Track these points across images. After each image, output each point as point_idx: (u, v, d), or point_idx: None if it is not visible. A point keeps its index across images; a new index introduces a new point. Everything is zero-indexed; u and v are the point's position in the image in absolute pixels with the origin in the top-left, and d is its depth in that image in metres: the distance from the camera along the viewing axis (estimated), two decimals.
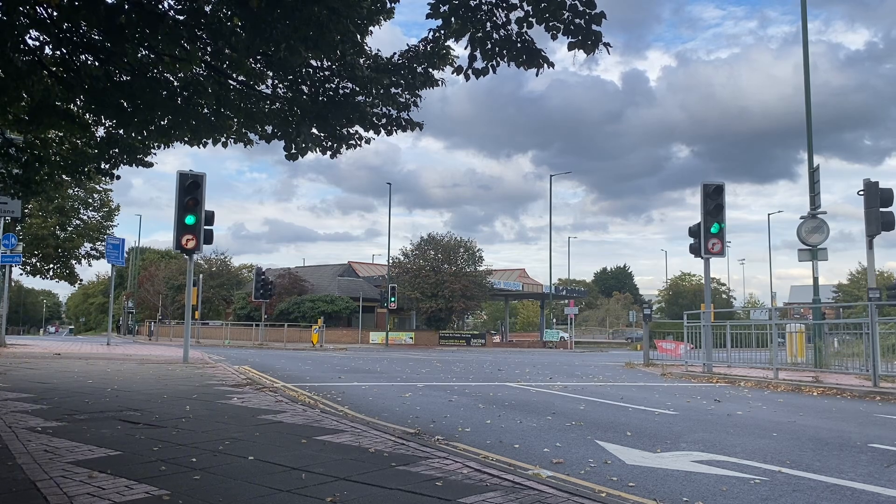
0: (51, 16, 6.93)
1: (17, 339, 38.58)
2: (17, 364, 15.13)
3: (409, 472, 4.84)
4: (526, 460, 5.79)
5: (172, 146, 9.49)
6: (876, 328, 12.81)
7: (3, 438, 5.73)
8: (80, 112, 8.76)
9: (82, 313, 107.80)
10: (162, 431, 6.45)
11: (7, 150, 9.46)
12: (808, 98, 18.69)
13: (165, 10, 6.86)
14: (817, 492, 4.89)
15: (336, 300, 51.58)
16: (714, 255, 18.33)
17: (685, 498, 4.64)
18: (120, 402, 8.63)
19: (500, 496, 4.19)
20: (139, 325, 63.54)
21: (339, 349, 35.71)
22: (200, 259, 56.99)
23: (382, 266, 58.68)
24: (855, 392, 12.20)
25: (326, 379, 14.37)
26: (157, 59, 7.62)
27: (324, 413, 7.96)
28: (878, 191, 15.93)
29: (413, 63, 8.23)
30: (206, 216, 17.23)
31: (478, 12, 6.01)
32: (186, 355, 17.64)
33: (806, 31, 18.98)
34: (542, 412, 9.00)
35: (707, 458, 5.99)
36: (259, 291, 39.42)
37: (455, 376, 15.74)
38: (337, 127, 8.64)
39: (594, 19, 5.77)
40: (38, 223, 30.56)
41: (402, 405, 9.69)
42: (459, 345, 46.53)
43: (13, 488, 4.19)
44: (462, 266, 50.07)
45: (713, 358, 17.43)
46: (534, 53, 6.22)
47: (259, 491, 4.27)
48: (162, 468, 4.86)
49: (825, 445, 6.80)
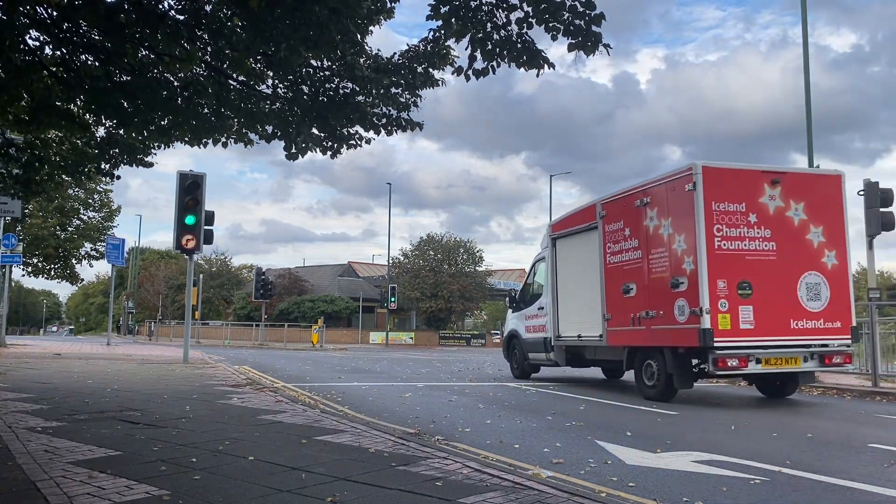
0: (51, 16, 6.94)
1: (17, 339, 38.58)
2: (18, 364, 15.13)
3: (409, 472, 4.84)
4: (526, 460, 5.79)
5: (172, 146, 9.50)
6: (876, 328, 12.81)
7: (3, 438, 5.73)
8: (80, 112, 8.76)
9: (82, 313, 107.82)
10: (162, 431, 6.45)
11: (7, 150, 9.46)
12: (808, 98, 18.66)
13: (165, 10, 6.86)
14: (817, 492, 4.89)
15: (336, 300, 51.61)
16: None
17: (685, 498, 4.64)
18: (120, 402, 8.63)
19: (500, 496, 4.19)
20: (139, 325, 63.53)
21: (339, 349, 35.71)
22: (200, 259, 57.03)
23: (382, 266, 58.68)
24: (855, 392, 12.20)
25: (326, 379, 14.38)
26: (157, 59, 7.63)
27: (324, 413, 7.96)
28: (878, 191, 15.92)
29: (413, 63, 8.24)
30: (206, 216, 17.22)
31: (478, 13, 6.01)
32: (186, 355, 17.63)
33: (806, 31, 18.95)
34: (542, 412, 9.00)
35: (707, 458, 5.99)
36: (259, 291, 39.40)
37: (455, 376, 15.74)
38: (337, 127, 8.64)
39: (594, 20, 5.78)
40: (38, 223, 30.54)
41: (402, 405, 9.69)
42: (459, 345, 46.52)
43: (13, 488, 4.19)
44: (462, 266, 50.07)
45: None
46: (534, 54, 6.23)
47: (259, 491, 4.27)
48: (162, 468, 4.86)
49: (825, 445, 6.80)
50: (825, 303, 10.55)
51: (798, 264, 10.54)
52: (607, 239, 12.27)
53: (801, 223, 10.66)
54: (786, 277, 10.40)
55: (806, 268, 10.56)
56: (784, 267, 10.43)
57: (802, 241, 10.64)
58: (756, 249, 10.34)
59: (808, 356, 10.46)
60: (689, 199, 10.27)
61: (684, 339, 10.29)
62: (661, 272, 10.83)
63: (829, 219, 10.82)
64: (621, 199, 12.06)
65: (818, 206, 10.77)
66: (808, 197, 10.73)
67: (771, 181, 10.57)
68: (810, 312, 10.44)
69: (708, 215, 10.11)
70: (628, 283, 11.59)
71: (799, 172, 11.32)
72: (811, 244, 10.66)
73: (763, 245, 10.39)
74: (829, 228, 10.79)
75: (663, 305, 10.70)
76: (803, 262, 10.57)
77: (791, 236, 10.56)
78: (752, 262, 10.26)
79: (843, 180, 11.12)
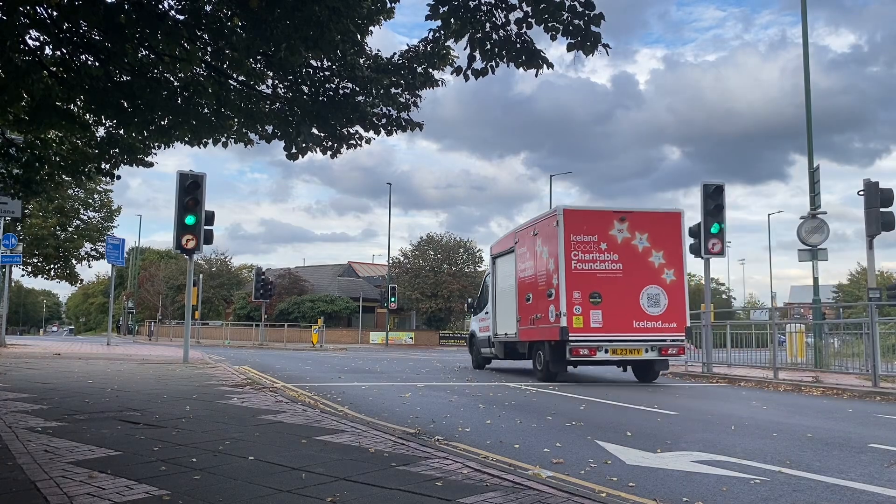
0: (51, 16, 6.94)
1: (17, 339, 38.58)
2: (17, 364, 15.13)
3: (409, 472, 4.84)
4: (526, 460, 5.79)
5: (172, 146, 9.49)
6: (876, 328, 12.81)
7: (3, 438, 5.73)
8: (80, 112, 8.76)
9: (82, 313, 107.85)
10: (162, 431, 6.45)
11: (7, 150, 9.45)
12: (808, 99, 18.69)
13: (165, 10, 6.86)
14: (817, 492, 4.89)
15: (336, 300, 51.62)
16: (714, 256, 18.30)
17: (685, 498, 4.64)
18: (120, 402, 8.63)
19: (500, 496, 4.19)
20: (139, 325, 63.56)
21: (339, 349, 35.71)
22: (200, 259, 57.06)
23: (382, 266, 58.69)
24: (855, 392, 12.20)
25: (326, 379, 14.38)
26: (157, 59, 7.63)
27: (324, 413, 7.96)
28: (878, 191, 15.92)
29: (413, 63, 8.24)
30: (206, 216, 17.23)
31: (477, 13, 6.01)
32: (186, 355, 17.64)
33: (806, 32, 18.96)
34: (542, 412, 9.00)
35: (707, 458, 5.99)
36: (259, 291, 39.42)
37: (455, 376, 15.74)
38: (337, 127, 8.64)
39: (593, 20, 5.78)
40: (38, 223, 30.53)
41: (402, 405, 9.69)
42: (460, 345, 46.47)
43: (13, 488, 4.19)
44: (462, 266, 50.08)
45: (713, 358, 17.42)
46: (533, 54, 6.23)
47: (259, 491, 4.27)
48: (162, 468, 4.86)
49: (825, 445, 6.80)
50: (663, 309, 13.98)
51: (641, 280, 13.95)
52: (518, 260, 16.06)
53: (645, 249, 14.18)
54: (630, 290, 13.87)
55: (647, 282, 13.98)
56: (629, 282, 13.89)
57: (645, 263, 14.10)
58: (606, 269, 13.95)
59: (649, 348, 13.92)
60: (555, 232, 14.02)
61: (553, 335, 13.86)
62: (543, 286, 14.47)
63: (669, 245, 14.31)
64: (525, 230, 15.86)
65: (660, 236, 14.26)
66: (651, 229, 14.26)
67: (619, 218, 14.19)
68: (651, 316, 13.92)
69: (567, 244, 13.82)
70: (528, 293, 15.23)
71: (643, 211, 14.75)
72: (653, 265, 14.14)
73: (612, 266, 13.97)
74: (669, 253, 14.26)
75: (543, 310, 14.33)
76: (645, 278, 13.98)
77: (635, 259, 14.05)
78: (602, 279, 13.85)
79: (682, 216, 14.78)
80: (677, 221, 14.63)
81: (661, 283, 14.01)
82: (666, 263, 14.14)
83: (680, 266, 14.30)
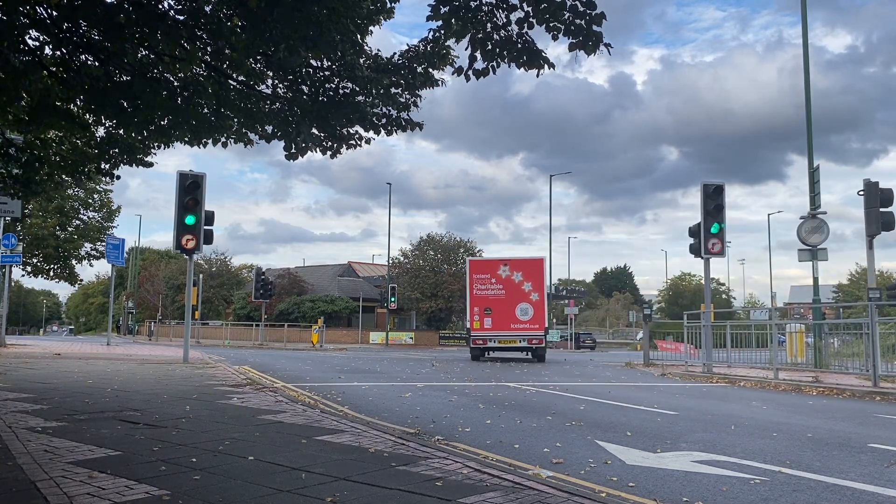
0: (50, 15, 6.93)
1: (17, 339, 38.57)
2: (18, 364, 15.13)
3: (409, 472, 4.84)
4: (526, 460, 5.79)
5: (172, 146, 9.48)
6: (876, 328, 12.81)
7: (3, 438, 5.73)
8: (80, 112, 8.75)
9: (82, 313, 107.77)
10: (162, 431, 6.45)
11: (7, 150, 9.44)
12: (808, 99, 18.68)
13: (165, 9, 6.85)
14: (817, 492, 4.89)
15: (336, 300, 51.57)
16: (714, 256, 18.33)
17: (685, 498, 4.64)
18: (120, 402, 8.63)
19: (500, 496, 4.19)
20: (139, 325, 63.50)
21: (339, 349, 35.71)
22: (200, 259, 56.98)
23: (382, 266, 58.68)
24: (855, 392, 12.20)
25: (326, 379, 14.38)
26: (157, 59, 7.62)
27: (324, 413, 7.96)
28: (878, 191, 15.93)
29: (413, 63, 8.23)
30: (206, 216, 17.23)
31: (478, 13, 6.00)
32: (186, 355, 17.64)
33: (806, 32, 18.95)
34: (541, 412, 9.00)
35: (707, 458, 5.99)
36: (259, 291, 39.42)
37: (455, 376, 15.74)
38: (337, 127, 8.63)
39: (595, 20, 5.77)
40: (38, 223, 30.49)
41: (402, 405, 9.69)
42: (460, 345, 46.45)
43: (13, 488, 4.19)
44: (462, 266, 49.99)
45: (713, 358, 17.43)
46: (534, 54, 6.22)
47: (259, 491, 4.27)
48: (162, 468, 4.86)
49: (825, 445, 6.81)
50: (531, 317, 23.25)
51: (516, 300, 23.43)
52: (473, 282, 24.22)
53: (519, 281, 23.60)
54: (510, 306, 23.31)
55: (520, 301, 23.40)
56: (508, 301, 23.39)
57: (520, 290, 23.54)
58: (494, 294, 23.64)
59: (521, 340, 23.25)
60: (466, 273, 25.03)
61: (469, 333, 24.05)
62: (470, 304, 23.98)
63: (535, 279, 23.66)
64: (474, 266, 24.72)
65: (529, 272, 23.75)
66: (524, 269, 23.84)
67: (504, 264, 24.12)
68: (522, 321, 23.24)
69: (472, 280, 24.07)
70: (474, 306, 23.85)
71: (519, 259, 25.02)
72: (524, 290, 23.53)
73: (498, 292, 23.65)
74: (535, 283, 23.60)
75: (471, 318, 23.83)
76: (519, 299, 23.45)
77: (513, 288, 23.57)
78: (492, 300, 23.56)
79: (544, 261, 25.08)
80: (541, 264, 24.52)
81: (529, 301, 23.39)
82: (532, 290, 23.52)
83: (541, 291, 23.69)
